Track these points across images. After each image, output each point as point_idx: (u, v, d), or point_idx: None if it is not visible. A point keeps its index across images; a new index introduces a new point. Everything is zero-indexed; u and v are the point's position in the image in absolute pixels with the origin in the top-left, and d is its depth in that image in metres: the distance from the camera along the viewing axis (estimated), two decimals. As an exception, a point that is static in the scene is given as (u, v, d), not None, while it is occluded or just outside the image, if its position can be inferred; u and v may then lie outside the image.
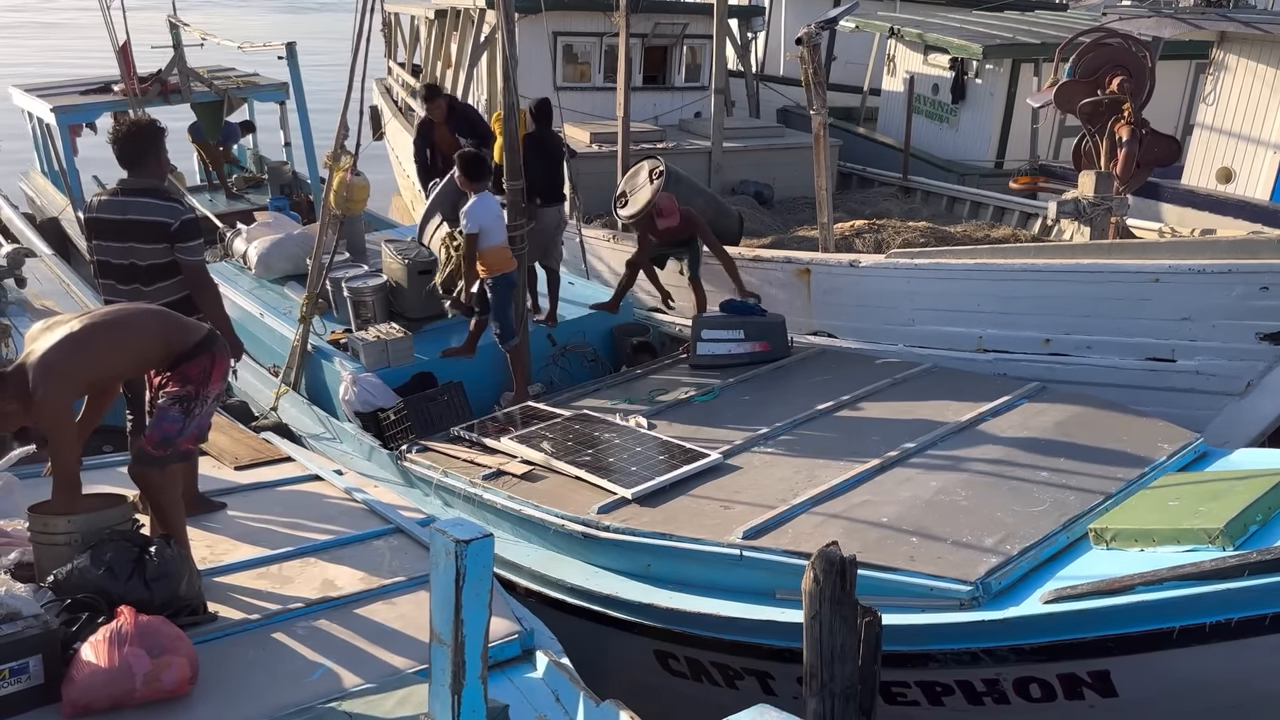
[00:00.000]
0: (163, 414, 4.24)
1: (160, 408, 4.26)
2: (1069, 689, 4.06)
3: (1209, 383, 6.57)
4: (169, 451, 4.25)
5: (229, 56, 13.34)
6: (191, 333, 4.33)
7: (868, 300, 7.68)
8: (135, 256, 5.04)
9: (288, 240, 8.93)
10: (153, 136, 5.08)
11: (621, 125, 9.93)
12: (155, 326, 4.31)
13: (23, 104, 13.57)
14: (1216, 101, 10.35)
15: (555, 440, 5.96)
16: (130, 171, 5.04)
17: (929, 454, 5.50)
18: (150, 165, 5.05)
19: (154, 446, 4.23)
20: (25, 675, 3.45)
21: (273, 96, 13.35)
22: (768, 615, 4.36)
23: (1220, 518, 4.08)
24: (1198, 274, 6.41)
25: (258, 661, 3.86)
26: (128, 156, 5.03)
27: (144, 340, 4.25)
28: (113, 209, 5.02)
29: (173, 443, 4.25)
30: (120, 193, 5.03)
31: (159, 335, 4.27)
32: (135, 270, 5.07)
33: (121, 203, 5.00)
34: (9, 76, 15.73)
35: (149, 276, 5.07)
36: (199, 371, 4.26)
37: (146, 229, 4.98)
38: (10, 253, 9.05)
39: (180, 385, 4.25)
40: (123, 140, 5.02)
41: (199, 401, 4.28)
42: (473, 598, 2.59)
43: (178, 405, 4.23)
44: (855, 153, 13.29)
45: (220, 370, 4.36)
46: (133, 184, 5.03)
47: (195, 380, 4.25)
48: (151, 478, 4.27)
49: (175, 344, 4.26)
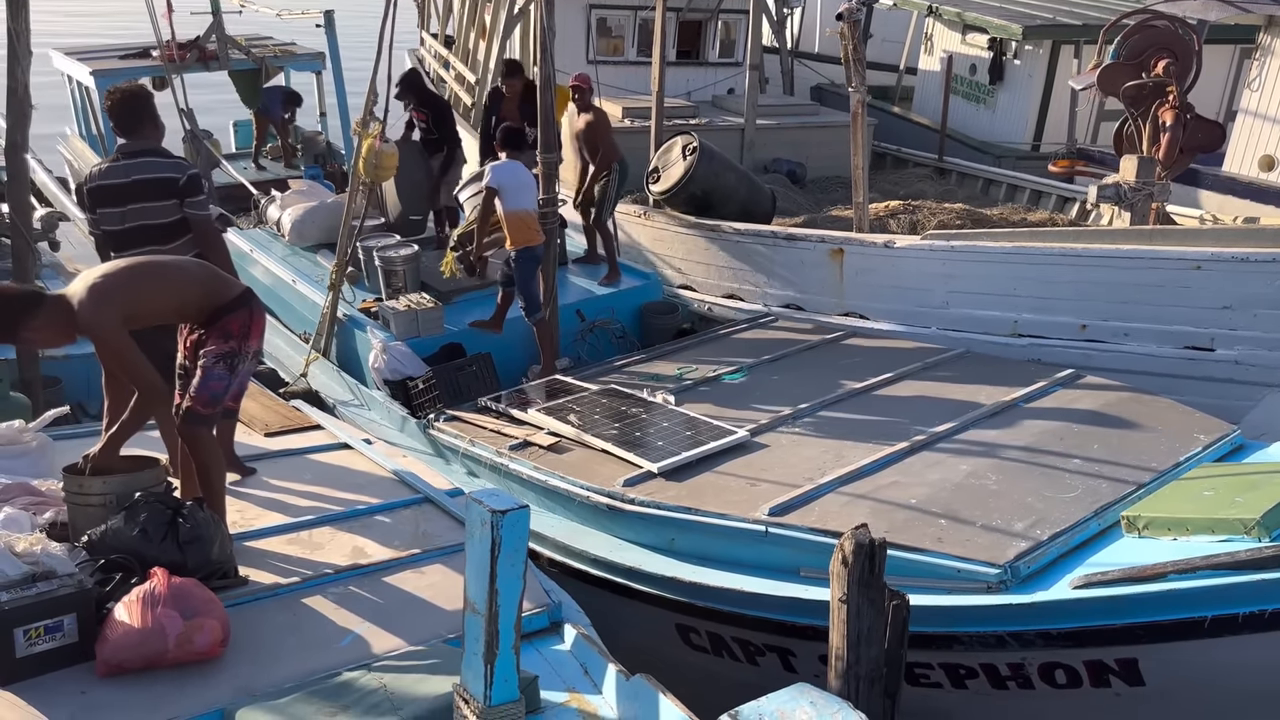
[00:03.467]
0: (208, 373, 4.24)
1: (204, 367, 4.25)
2: (1095, 676, 4.02)
3: (1248, 373, 6.47)
4: (217, 409, 4.28)
5: (267, 25, 13.36)
6: (231, 286, 4.35)
7: (902, 282, 7.61)
8: (144, 218, 5.03)
9: (321, 208, 8.95)
10: (146, 100, 5.16)
11: (655, 100, 9.86)
12: (198, 273, 4.34)
13: (62, 67, 13.64)
14: (1261, 87, 10.14)
15: (582, 413, 5.95)
16: (128, 136, 5.11)
17: (959, 438, 5.45)
18: (147, 128, 5.12)
19: (203, 405, 4.23)
20: (60, 633, 3.48)
21: (309, 66, 13.34)
22: (792, 592, 4.34)
23: (1257, 509, 4.01)
24: (1241, 262, 6.30)
25: (288, 626, 3.87)
26: (125, 122, 5.09)
27: (186, 282, 4.25)
28: (116, 174, 5.04)
29: (220, 400, 4.27)
30: (121, 158, 5.08)
31: (201, 282, 4.28)
32: (145, 232, 5.02)
33: (124, 166, 5.04)
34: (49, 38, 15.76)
35: (162, 236, 5.04)
36: (239, 326, 4.26)
37: (155, 186, 5.02)
38: (44, 216, 9.10)
39: (222, 341, 4.24)
40: (119, 106, 5.08)
41: (241, 357, 4.29)
42: (508, 568, 2.58)
43: (222, 362, 4.24)
44: (890, 132, 13.16)
45: (258, 326, 4.37)
46: (132, 147, 5.09)
47: (236, 335, 4.26)
48: (203, 437, 4.29)
49: (215, 295, 4.26)
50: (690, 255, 9.00)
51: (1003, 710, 4.32)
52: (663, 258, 9.24)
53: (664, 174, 9.36)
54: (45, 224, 9.02)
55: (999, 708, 4.31)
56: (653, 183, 9.44)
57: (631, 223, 9.49)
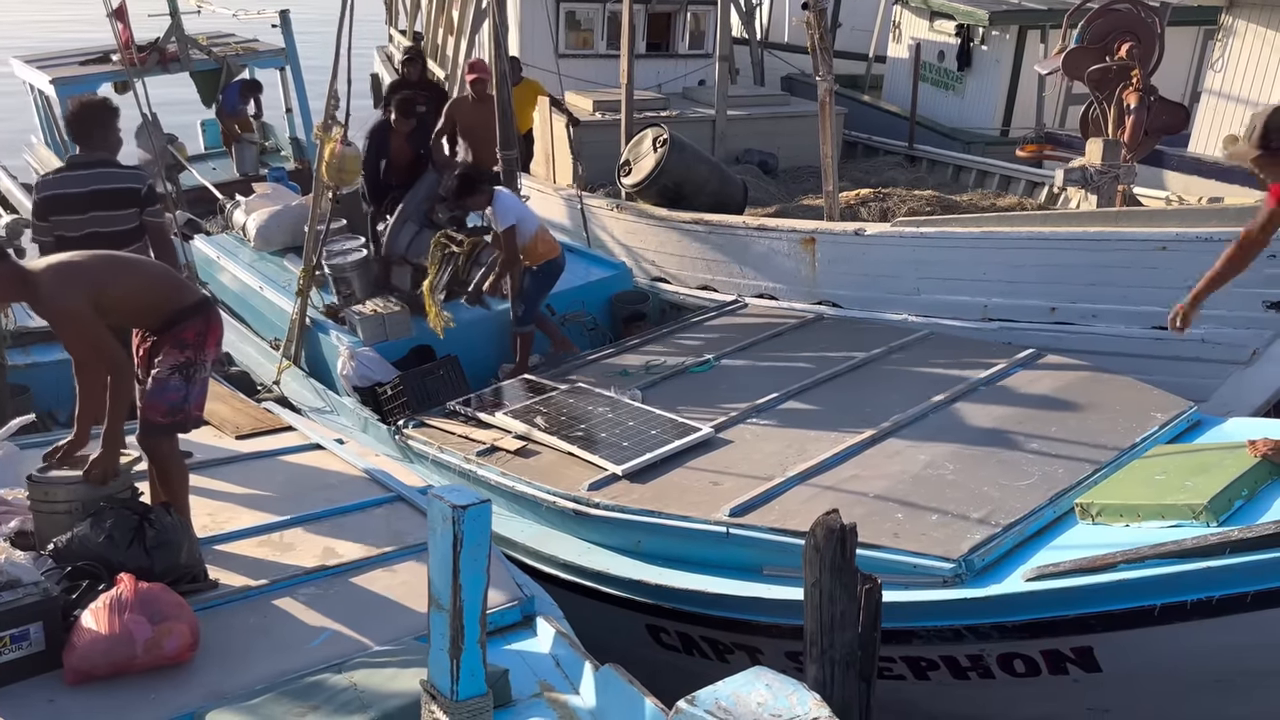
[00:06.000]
0: (163, 384, 4.20)
1: (157, 379, 4.22)
2: (1053, 665, 4.05)
3: (1215, 351, 6.52)
4: (179, 419, 4.25)
5: (224, 25, 13.23)
6: (188, 293, 4.32)
7: (873, 269, 7.63)
8: (98, 225, 5.17)
9: (286, 212, 8.87)
10: (102, 111, 5.35)
11: (625, 93, 9.84)
12: (161, 274, 4.34)
13: (23, 75, 13.48)
14: (1225, 68, 10.22)
15: (549, 415, 5.94)
16: (83, 146, 5.29)
17: (920, 425, 5.46)
18: (103, 137, 5.31)
19: (160, 416, 4.21)
20: (26, 642, 3.46)
21: (273, 63, 13.21)
22: (754, 592, 4.35)
23: (1205, 493, 4.04)
24: (1205, 242, 6.35)
25: (259, 628, 3.87)
26: (84, 131, 5.27)
27: (152, 279, 4.26)
28: (74, 183, 5.20)
29: (182, 409, 4.23)
30: (76, 167, 5.24)
31: (164, 284, 4.28)
32: (101, 239, 5.10)
33: (80, 176, 5.19)
34: (8, 42, 15.61)
35: (117, 243, 5.08)
36: (194, 334, 4.23)
37: (116, 196, 5.21)
38: (9, 223, 9.01)
39: (178, 351, 4.21)
40: (79, 115, 5.26)
41: (198, 366, 4.26)
42: (470, 563, 2.58)
43: (177, 374, 4.21)
44: (860, 121, 13.18)
45: (215, 334, 4.33)
46: (87, 157, 5.26)
47: (192, 344, 4.23)
48: (162, 447, 4.27)
49: (172, 299, 4.23)
50: (663, 248, 8.99)
51: (967, 699, 4.35)
52: (636, 251, 9.23)
53: (635, 167, 9.36)
54: (10, 231, 8.92)
55: (962, 696, 4.34)
56: (624, 176, 9.43)
57: (603, 216, 9.48)
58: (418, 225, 7.54)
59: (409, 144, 7.74)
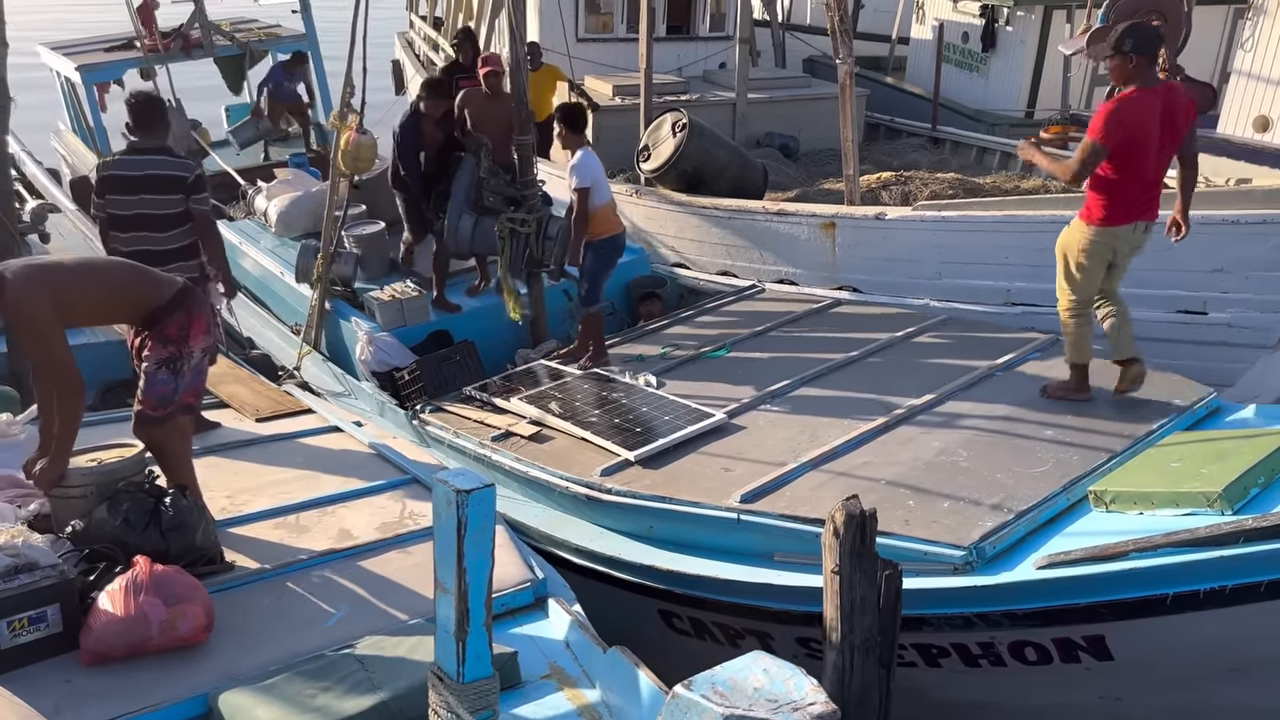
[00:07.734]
0: (151, 378, 4.26)
1: (147, 373, 4.28)
2: (1064, 653, 4.02)
3: (1240, 335, 6.44)
4: (169, 410, 4.28)
5: (246, 10, 13.25)
6: (165, 288, 4.31)
7: (894, 254, 7.57)
8: (147, 208, 5.66)
9: (306, 198, 8.90)
10: (161, 105, 5.98)
11: (644, 77, 9.80)
12: (130, 273, 4.37)
13: (49, 62, 13.58)
14: (1255, 47, 10.03)
15: (563, 400, 5.94)
16: (143, 135, 5.77)
17: (934, 412, 5.41)
18: (160, 130, 5.84)
19: (152, 408, 4.26)
20: (44, 624, 3.51)
21: (295, 48, 13.21)
22: (765, 578, 4.34)
23: (1220, 481, 3.98)
24: (1232, 224, 6.26)
25: (273, 609, 3.89)
26: (144, 121, 5.76)
27: (120, 280, 4.31)
28: (129, 166, 5.69)
29: (172, 401, 4.27)
30: (135, 153, 5.74)
31: (134, 282, 4.30)
32: (144, 219, 5.67)
33: (137, 161, 5.69)
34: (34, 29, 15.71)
35: (163, 225, 5.69)
36: (176, 330, 4.26)
37: (164, 183, 5.66)
38: (34, 209, 9.11)
39: (161, 346, 4.25)
40: (140, 106, 5.80)
41: (184, 360, 4.29)
42: (475, 546, 2.58)
43: (164, 368, 4.25)
44: (883, 103, 13.07)
45: (199, 326, 4.33)
46: (145, 145, 5.74)
47: (175, 339, 4.26)
48: (155, 436, 4.31)
49: (149, 299, 4.26)
50: (683, 233, 8.97)
51: (977, 686, 4.32)
52: (655, 236, 9.21)
53: (654, 152, 9.32)
54: (35, 216, 9.03)
55: (974, 684, 4.31)
56: (643, 161, 9.40)
57: (623, 201, 9.44)
58: (473, 215, 7.24)
59: (439, 128, 7.52)
